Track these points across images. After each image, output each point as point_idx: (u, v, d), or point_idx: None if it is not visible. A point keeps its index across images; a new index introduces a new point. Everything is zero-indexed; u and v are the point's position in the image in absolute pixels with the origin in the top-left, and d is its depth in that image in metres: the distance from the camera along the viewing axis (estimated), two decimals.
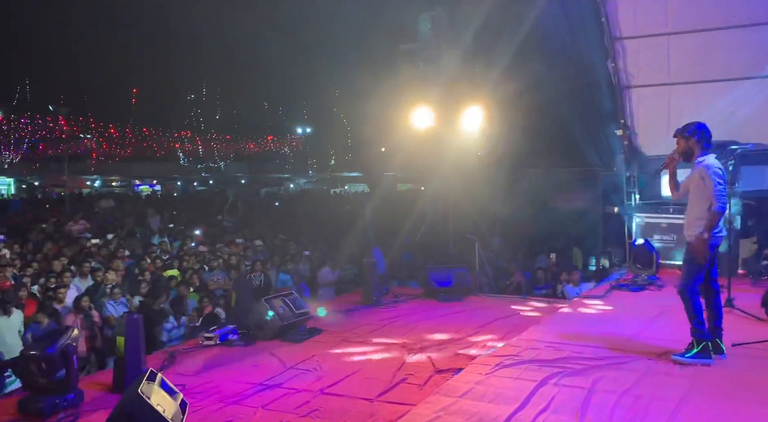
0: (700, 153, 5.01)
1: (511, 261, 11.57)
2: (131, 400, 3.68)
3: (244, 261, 11.08)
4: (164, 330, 7.64)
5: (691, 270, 5.01)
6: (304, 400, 4.71)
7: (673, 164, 5.23)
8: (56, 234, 13.26)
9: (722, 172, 4.92)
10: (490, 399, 4.29)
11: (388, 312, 7.99)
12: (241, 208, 17.71)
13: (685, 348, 5.03)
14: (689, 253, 5.07)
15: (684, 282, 5.04)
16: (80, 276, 9.02)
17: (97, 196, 29.59)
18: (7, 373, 6.54)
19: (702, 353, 4.92)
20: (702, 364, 4.88)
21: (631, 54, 10.52)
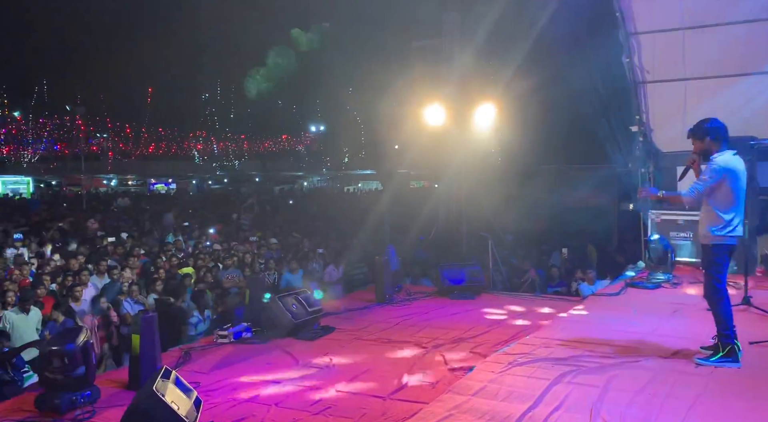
0: (717, 150, 4.88)
1: (524, 259, 11.52)
2: (146, 397, 3.72)
3: (258, 260, 11.15)
4: (190, 325, 7.74)
5: (713, 273, 4.90)
6: (317, 398, 4.73)
7: (696, 165, 5.09)
8: (74, 232, 13.44)
9: (719, 173, 4.77)
10: (503, 398, 4.28)
11: (401, 310, 8.00)
12: (256, 207, 17.82)
13: (711, 352, 4.92)
14: (706, 256, 4.99)
15: (707, 286, 4.96)
16: (97, 274, 9.14)
17: (114, 195, 29.96)
18: (25, 368, 6.66)
19: (728, 356, 4.81)
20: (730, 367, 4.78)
21: (647, 49, 10.40)
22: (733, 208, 4.83)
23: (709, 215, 4.91)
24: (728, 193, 4.80)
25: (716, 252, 4.88)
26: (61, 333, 5.44)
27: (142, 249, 11.45)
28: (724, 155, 4.86)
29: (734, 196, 4.82)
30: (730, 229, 4.83)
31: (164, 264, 9.99)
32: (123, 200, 23.62)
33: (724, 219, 4.82)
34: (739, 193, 4.84)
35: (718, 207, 4.84)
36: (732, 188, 4.80)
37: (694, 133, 5.01)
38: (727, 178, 4.79)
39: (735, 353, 4.81)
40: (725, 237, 4.84)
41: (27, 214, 18.71)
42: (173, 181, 47.89)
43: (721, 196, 4.82)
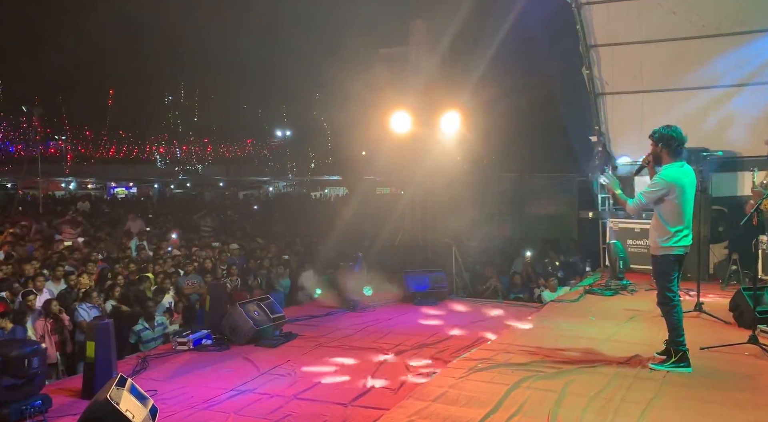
0: (668, 160, 4.97)
1: (487, 266, 11.63)
2: (100, 406, 3.64)
3: (220, 265, 10.98)
4: (132, 333, 7.51)
5: (663, 284, 5.02)
6: (278, 405, 4.68)
7: (650, 166, 5.20)
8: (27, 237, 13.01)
9: (665, 185, 4.85)
10: (463, 403, 4.31)
11: (364, 316, 7.99)
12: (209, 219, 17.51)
13: (663, 358, 5.06)
14: (655, 266, 5.11)
15: (660, 296, 5.06)
16: (53, 280, 8.86)
17: (73, 199, 29.14)
18: None
19: (680, 361, 4.94)
20: (682, 372, 4.90)
21: (606, 61, 10.70)
22: (679, 219, 4.91)
23: (657, 226, 5.01)
24: (674, 205, 4.88)
25: (663, 262, 5.00)
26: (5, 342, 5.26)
27: (100, 254, 11.14)
28: (671, 168, 4.92)
29: (680, 208, 4.89)
30: (677, 240, 4.92)
31: (122, 271, 9.75)
32: (83, 204, 22.99)
33: (670, 230, 4.91)
34: (686, 205, 4.91)
35: (665, 218, 4.93)
36: (678, 201, 4.87)
37: (651, 136, 5.12)
38: (672, 191, 4.86)
39: (687, 358, 4.95)
40: (672, 248, 4.93)
41: None
42: (134, 185, 46.87)
43: (668, 208, 4.90)
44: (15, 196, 30.67)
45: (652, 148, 5.12)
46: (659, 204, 4.95)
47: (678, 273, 5.05)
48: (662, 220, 4.95)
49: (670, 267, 4.98)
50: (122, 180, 46.31)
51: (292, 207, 27.65)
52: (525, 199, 14.36)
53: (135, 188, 45.40)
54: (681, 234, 4.92)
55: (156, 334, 7.58)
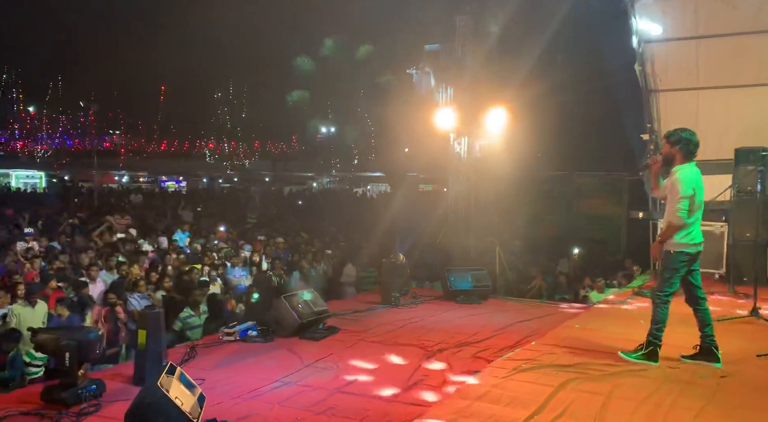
0: (680, 162, 5.05)
1: (532, 265, 11.48)
2: (151, 392, 3.74)
3: (266, 259, 11.19)
4: (178, 320, 7.73)
5: (666, 277, 5.13)
6: (321, 398, 4.73)
7: (656, 166, 5.29)
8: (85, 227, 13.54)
9: (693, 186, 4.94)
10: (507, 403, 4.26)
11: (406, 313, 7.99)
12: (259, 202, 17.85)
13: (636, 347, 5.20)
14: (665, 260, 5.17)
15: (657, 288, 5.20)
16: (107, 270, 9.20)
17: (127, 192, 30.19)
18: (36, 362, 6.72)
19: (649, 355, 5.09)
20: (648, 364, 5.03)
21: (660, 57, 10.37)
22: (694, 217, 5.03)
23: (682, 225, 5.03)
24: (693, 204, 4.99)
25: (676, 258, 5.07)
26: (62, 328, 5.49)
27: (152, 245, 11.51)
28: (687, 170, 5.01)
29: (696, 206, 5.02)
30: (691, 238, 5.03)
31: (173, 262, 10.05)
32: (135, 197, 23.86)
33: (686, 229, 5.01)
34: (700, 203, 5.05)
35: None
36: (696, 200, 5.00)
37: (668, 137, 5.17)
38: (695, 193, 4.98)
39: (657, 354, 5.08)
40: (686, 245, 5.04)
41: (39, 208, 18.85)
42: (184, 179, 48.14)
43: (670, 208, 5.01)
44: (72, 188, 31.97)
45: (666, 148, 5.15)
46: (670, 200, 5.01)
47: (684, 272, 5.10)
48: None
49: (680, 263, 5.07)
50: (173, 174, 47.65)
51: (336, 203, 27.89)
52: (572, 198, 14.08)
53: (185, 182, 46.64)
54: (695, 231, 5.04)
55: (202, 321, 7.78)
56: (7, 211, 15.86)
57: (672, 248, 5.07)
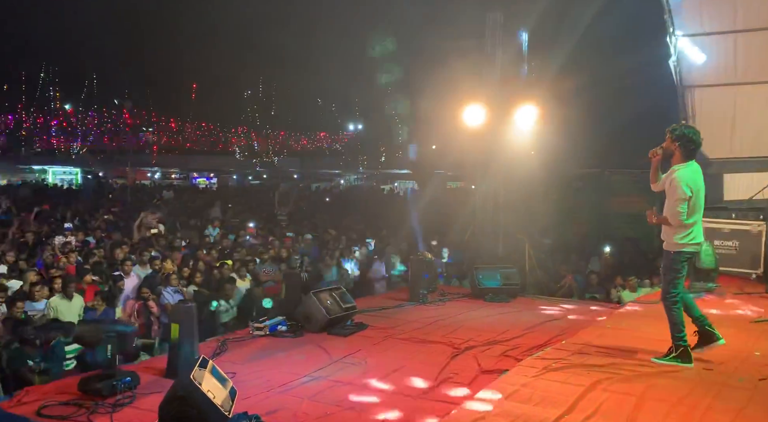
0: (680, 159, 5.01)
1: (562, 264, 11.34)
2: (184, 385, 3.81)
3: (294, 255, 11.28)
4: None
5: (670, 279, 5.12)
6: (349, 393, 4.76)
7: (656, 159, 5.21)
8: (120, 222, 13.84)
9: (691, 186, 4.92)
10: (537, 402, 4.23)
11: (434, 311, 7.98)
12: (293, 197, 18.04)
13: (666, 352, 5.13)
14: (666, 262, 5.16)
15: (664, 291, 5.19)
16: (140, 264, 9.39)
17: (159, 188, 30.76)
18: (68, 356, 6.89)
19: (680, 357, 5.02)
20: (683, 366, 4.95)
21: (696, 53, 10.12)
22: (694, 217, 5.01)
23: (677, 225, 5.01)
24: (692, 203, 4.97)
25: (676, 258, 5.08)
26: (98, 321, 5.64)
27: (183, 241, 11.71)
28: (687, 169, 4.98)
29: (697, 206, 5.02)
30: (692, 237, 5.03)
31: (204, 257, 10.20)
32: (168, 193, 24.37)
33: (686, 228, 5.00)
34: (701, 202, 5.04)
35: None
36: (696, 200, 4.99)
37: (671, 131, 5.10)
38: (693, 193, 4.95)
39: (688, 354, 5.00)
40: (686, 245, 5.03)
41: (75, 204, 19.34)
42: (214, 176, 48.80)
43: (688, 206, 4.97)
44: (107, 184, 32.71)
45: (667, 142, 5.08)
46: (669, 198, 5.01)
47: (685, 271, 5.14)
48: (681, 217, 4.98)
49: (681, 264, 5.08)
50: (204, 170, 48.36)
51: (363, 199, 27.97)
52: (604, 195, 13.85)
53: (215, 178, 47.29)
54: (695, 230, 5.03)
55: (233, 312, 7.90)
56: (45, 206, 16.29)
57: (672, 249, 5.08)
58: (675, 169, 5.02)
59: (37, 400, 4.45)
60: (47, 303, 7.53)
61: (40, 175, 43.09)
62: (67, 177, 43.22)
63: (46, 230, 12.29)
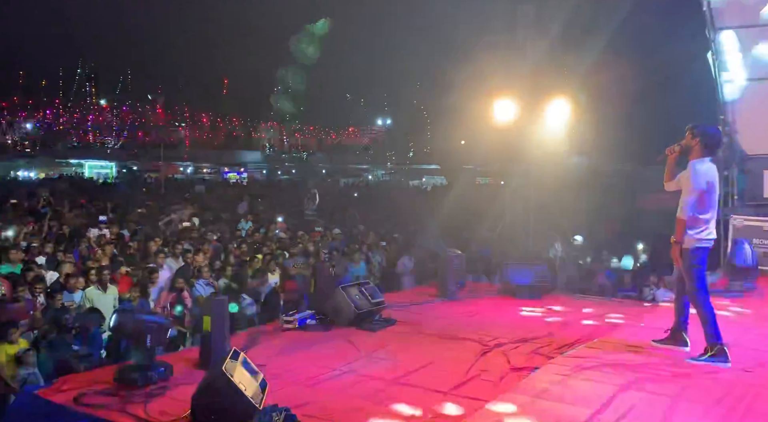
0: (699, 156, 5.05)
1: (594, 261, 11.16)
2: (216, 377, 3.86)
3: (323, 249, 11.35)
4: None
5: (693, 276, 5.09)
6: (378, 388, 4.76)
7: (673, 156, 5.28)
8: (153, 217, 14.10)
9: (710, 183, 4.99)
10: (568, 401, 4.17)
11: (463, 307, 7.93)
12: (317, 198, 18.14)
13: (702, 352, 5.05)
14: (685, 260, 5.13)
15: (691, 288, 5.13)
16: (172, 257, 9.56)
17: (191, 182, 31.28)
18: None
19: (717, 355, 4.94)
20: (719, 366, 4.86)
21: (735, 45, 9.82)
22: (710, 212, 5.07)
23: (690, 219, 5.06)
24: (707, 200, 5.04)
25: (695, 254, 5.08)
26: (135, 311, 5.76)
27: (215, 234, 11.87)
28: (704, 165, 5.03)
29: (712, 202, 5.08)
30: (707, 232, 5.06)
31: (234, 251, 10.33)
32: (199, 187, 24.81)
33: (702, 223, 5.04)
34: (716, 198, 5.11)
35: (699, 211, 5.05)
36: (710, 196, 5.05)
37: (691, 129, 5.13)
38: (709, 189, 5.02)
39: (724, 353, 4.93)
40: (702, 241, 5.06)
41: (110, 197, 19.76)
42: (245, 171, 49.40)
43: (701, 202, 5.03)
44: (141, 178, 33.37)
45: (687, 139, 5.09)
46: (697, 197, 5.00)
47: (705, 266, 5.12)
48: (696, 213, 5.03)
49: (701, 260, 5.09)
50: (234, 165, 49.00)
51: (391, 195, 27.94)
52: (637, 192, 13.57)
53: (245, 173, 47.86)
54: (710, 226, 5.07)
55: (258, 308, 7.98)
56: (81, 200, 16.69)
57: (690, 245, 5.08)
58: (693, 163, 5.05)
59: (75, 388, 4.56)
60: (83, 294, 7.72)
61: (76, 169, 44.18)
62: (102, 171, 44.23)
63: (83, 223, 12.59)
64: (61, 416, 4.25)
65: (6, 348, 6.32)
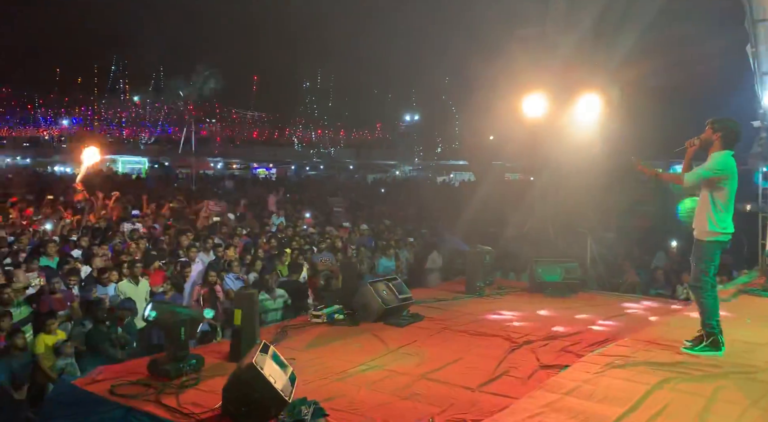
0: (719, 148, 5.01)
1: (625, 258, 10.97)
2: (246, 370, 3.92)
3: (351, 245, 11.39)
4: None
5: (702, 268, 5.09)
6: (406, 383, 4.78)
7: (693, 149, 5.22)
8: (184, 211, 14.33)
9: (724, 171, 4.92)
10: (599, 399, 4.11)
11: (491, 304, 7.89)
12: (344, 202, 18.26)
13: (694, 341, 5.13)
14: (698, 251, 5.11)
15: (695, 278, 5.15)
16: (204, 251, 9.70)
17: (221, 178, 31.69)
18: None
19: (711, 346, 5.01)
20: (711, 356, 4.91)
21: None
22: (729, 206, 5.01)
23: (707, 212, 5.02)
24: (726, 192, 4.98)
25: (709, 247, 5.06)
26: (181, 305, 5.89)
27: (245, 229, 12.01)
28: (725, 155, 4.98)
29: (730, 195, 5.01)
30: (725, 226, 5.01)
31: (264, 245, 10.44)
32: (229, 183, 25.14)
33: (721, 216, 4.98)
34: (734, 191, 5.02)
35: (717, 204, 4.99)
36: (730, 188, 4.99)
37: (712, 123, 5.10)
38: (729, 179, 4.96)
39: (719, 343, 4.99)
40: (720, 234, 5.01)
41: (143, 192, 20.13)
42: (274, 166, 49.82)
43: (722, 194, 4.98)
44: (172, 174, 33.93)
45: (708, 133, 5.10)
46: (714, 189, 4.99)
47: (717, 261, 5.09)
48: (713, 206, 5.00)
49: (714, 253, 5.06)
50: (264, 161, 49.49)
51: (419, 191, 27.85)
52: (670, 188, 13.25)
53: (275, 169, 48.29)
54: (728, 220, 5.01)
55: (276, 305, 8.04)
56: (115, 194, 17.01)
57: (705, 237, 5.06)
58: (713, 155, 5.04)
59: (109, 379, 4.68)
60: (116, 287, 7.90)
61: (110, 164, 45.13)
62: (135, 166, 45.10)
63: (117, 217, 12.85)
64: (96, 405, 4.37)
65: (45, 338, 6.53)
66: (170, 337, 4.83)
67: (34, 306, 7.11)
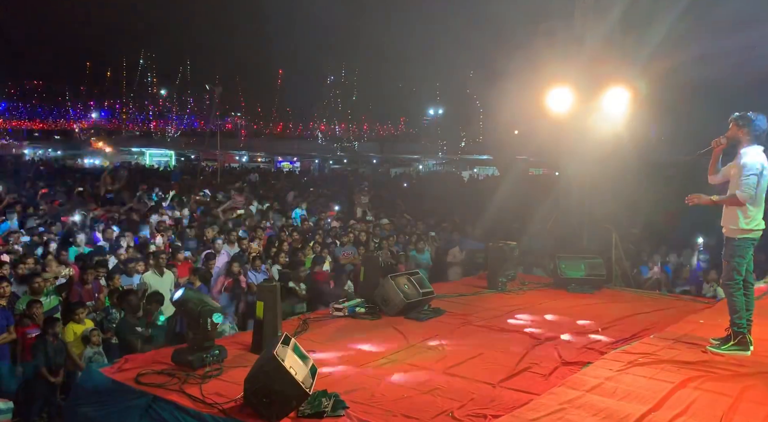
0: (746, 144, 4.96)
1: (651, 255, 10.79)
2: (267, 361, 3.97)
3: (373, 239, 11.41)
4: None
5: (734, 266, 5.04)
6: (426, 378, 4.77)
7: (720, 148, 5.20)
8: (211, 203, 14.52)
9: (761, 168, 4.85)
10: (621, 397, 4.07)
11: (513, 299, 7.84)
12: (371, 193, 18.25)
13: (722, 340, 5.09)
14: (729, 248, 5.06)
15: (727, 277, 5.11)
16: (228, 244, 9.82)
17: (246, 171, 32.01)
18: None
19: (739, 345, 4.98)
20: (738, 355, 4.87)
21: None
22: (759, 203, 4.96)
23: (738, 209, 4.95)
24: (757, 187, 4.90)
25: (741, 244, 5.01)
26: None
27: (269, 222, 12.13)
28: (756, 150, 4.93)
29: (761, 190, 4.94)
30: (756, 223, 4.96)
31: (287, 239, 10.52)
32: (253, 176, 25.39)
33: (752, 213, 4.93)
34: (765, 188, 4.96)
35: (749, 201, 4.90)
36: (763, 184, 4.92)
37: (737, 119, 5.04)
38: (760, 173, 4.89)
39: (746, 342, 4.96)
40: (751, 231, 4.97)
41: (170, 184, 20.43)
42: (298, 160, 50.15)
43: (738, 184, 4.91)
44: (199, 166, 34.33)
45: (733, 130, 4.99)
46: (735, 182, 4.93)
47: (749, 258, 5.06)
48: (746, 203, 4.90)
49: (746, 250, 5.03)
50: (288, 154, 49.85)
51: (442, 185, 27.75)
52: (699, 184, 12.99)
53: (298, 162, 48.60)
54: (759, 216, 4.96)
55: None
56: (142, 187, 17.33)
57: (736, 235, 5.01)
58: (743, 151, 4.97)
59: (135, 368, 4.78)
60: (141, 278, 8.05)
61: (138, 157, 45.93)
62: (162, 159, 45.78)
63: (144, 208, 13.08)
64: (123, 393, 4.47)
65: (74, 327, 6.69)
66: (194, 327, 4.91)
67: (63, 295, 7.29)
